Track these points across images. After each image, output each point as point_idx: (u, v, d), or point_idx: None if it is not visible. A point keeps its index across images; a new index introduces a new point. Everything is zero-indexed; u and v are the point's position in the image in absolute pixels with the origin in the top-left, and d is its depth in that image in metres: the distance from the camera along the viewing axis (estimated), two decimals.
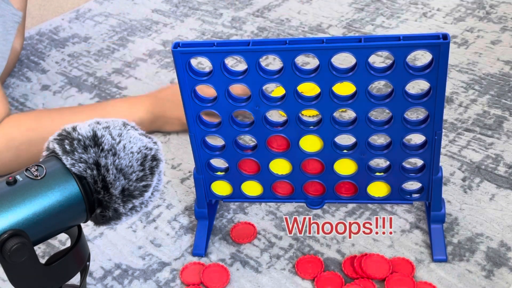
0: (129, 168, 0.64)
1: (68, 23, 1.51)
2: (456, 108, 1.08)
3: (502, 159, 0.97)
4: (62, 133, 0.65)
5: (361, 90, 0.76)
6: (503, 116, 1.05)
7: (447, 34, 0.71)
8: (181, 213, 0.96)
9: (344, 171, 0.84)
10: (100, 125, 0.65)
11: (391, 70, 0.74)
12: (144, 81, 1.27)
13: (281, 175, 0.86)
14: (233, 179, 0.87)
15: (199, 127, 0.82)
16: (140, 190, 0.65)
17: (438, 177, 0.82)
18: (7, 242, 0.59)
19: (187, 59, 0.76)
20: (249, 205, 0.95)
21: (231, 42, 0.80)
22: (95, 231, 0.94)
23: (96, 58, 1.36)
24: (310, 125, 0.80)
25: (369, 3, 1.42)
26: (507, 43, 1.23)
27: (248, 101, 0.79)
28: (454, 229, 0.87)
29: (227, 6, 1.49)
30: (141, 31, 1.44)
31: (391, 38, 0.72)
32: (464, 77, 1.15)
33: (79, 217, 0.65)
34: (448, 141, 1.02)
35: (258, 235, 0.90)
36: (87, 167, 0.63)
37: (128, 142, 0.65)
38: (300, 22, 1.38)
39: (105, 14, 1.53)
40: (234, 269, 0.86)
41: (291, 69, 0.75)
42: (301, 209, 0.93)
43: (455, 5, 1.37)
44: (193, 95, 0.79)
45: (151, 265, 0.88)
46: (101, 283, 0.86)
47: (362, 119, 0.78)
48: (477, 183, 0.94)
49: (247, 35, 1.36)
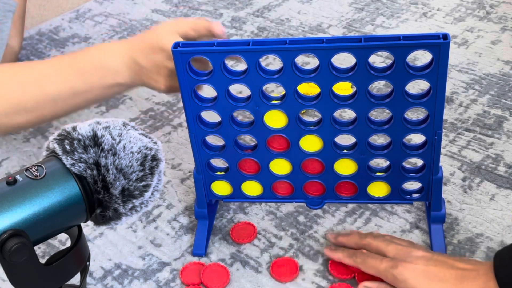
0: (129, 168, 0.64)
1: (68, 23, 1.51)
2: (456, 108, 1.08)
3: (502, 159, 0.97)
4: (62, 133, 0.65)
5: (361, 90, 0.76)
6: (503, 116, 1.05)
7: (447, 34, 0.71)
8: (181, 213, 0.96)
9: (344, 171, 0.84)
10: (100, 125, 0.65)
11: (391, 70, 0.74)
12: None
13: (281, 175, 0.86)
14: (233, 179, 0.87)
15: (199, 127, 0.82)
16: (140, 190, 0.65)
17: (438, 177, 0.82)
18: (7, 242, 0.59)
19: (187, 59, 0.76)
20: (249, 205, 0.95)
21: (231, 42, 0.80)
22: (95, 231, 0.94)
23: None
24: (310, 125, 0.80)
25: (369, 3, 1.42)
26: (507, 43, 1.23)
27: (248, 101, 0.79)
28: (454, 229, 0.87)
29: (227, 6, 1.49)
30: (141, 31, 1.43)
31: (391, 38, 0.72)
32: (464, 77, 1.15)
33: (79, 217, 0.65)
34: (448, 141, 1.02)
35: (258, 235, 0.90)
36: (87, 167, 0.63)
37: (128, 142, 0.65)
38: (300, 22, 1.38)
39: (105, 14, 1.53)
40: (234, 269, 0.86)
41: (291, 69, 0.75)
42: (301, 209, 0.93)
43: (455, 5, 1.37)
44: (193, 95, 0.79)
45: (151, 265, 0.88)
46: (101, 283, 0.86)
47: (362, 119, 0.78)
48: (477, 183, 0.94)
49: (247, 35, 1.36)
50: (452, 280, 0.72)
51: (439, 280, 0.73)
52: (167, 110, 1.17)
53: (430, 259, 0.75)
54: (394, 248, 0.78)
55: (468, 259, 0.77)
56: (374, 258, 0.79)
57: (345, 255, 0.82)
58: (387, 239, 0.81)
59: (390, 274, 0.76)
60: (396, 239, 0.82)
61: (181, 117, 1.15)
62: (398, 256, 0.77)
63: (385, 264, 0.77)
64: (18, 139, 1.16)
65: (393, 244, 0.79)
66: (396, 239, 0.82)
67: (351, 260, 0.81)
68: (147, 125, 1.14)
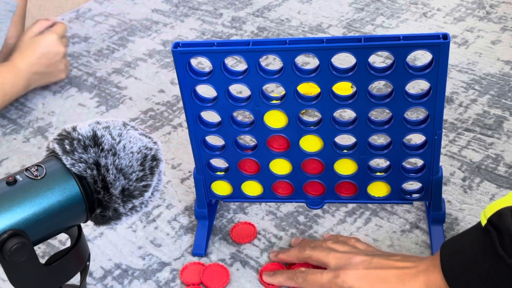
0: (129, 168, 0.64)
1: (68, 23, 1.51)
2: (456, 108, 1.08)
3: (502, 159, 0.97)
4: (62, 133, 0.65)
5: (361, 90, 0.76)
6: (503, 116, 1.05)
7: (447, 34, 0.71)
8: (181, 213, 0.96)
9: (344, 171, 0.84)
10: (100, 125, 0.65)
11: (391, 70, 0.74)
12: (144, 81, 1.27)
13: (281, 175, 0.86)
14: (233, 179, 0.87)
15: (199, 127, 0.82)
16: (140, 190, 0.65)
17: (438, 177, 0.82)
18: (7, 242, 0.59)
19: (187, 59, 0.76)
20: (249, 205, 0.95)
21: (231, 42, 0.80)
22: (95, 231, 0.94)
23: (96, 58, 1.36)
24: (310, 125, 0.80)
25: (369, 3, 1.42)
26: (507, 43, 1.23)
27: (248, 101, 0.79)
28: (454, 229, 0.87)
29: (227, 6, 1.49)
30: (141, 31, 1.44)
31: (391, 38, 0.72)
32: (464, 77, 1.15)
33: (79, 217, 0.65)
34: (448, 141, 1.02)
35: (258, 235, 0.90)
36: (87, 167, 0.63)
37: (128, 142, 0.65)
38: (300, 22, 1.38)
39: (105, 14, 1.53)
40: (234, 269, 0.86)
41: (291, 69, 0.75)
42: (301, 209, 0.93)
43: (455, 5, 1.37)
44: (193, 95, 0.79)
45: (151, 265, 0.88)
46: (101, 283, 0.86)
47: (362, 119, 0.78)
48: (477, 183, 0.94)
49: (247, 35, 1.36)
50: (393, 281, 0.72)
51: (381, 282, 0.73)
52: (167, 110, 1.17)
53: (370, 262, 0.75)
54: (334, 258, 0.78)
55: (410, 256, 0.76)
56: (314, 274, 0.78)
57: (284, 278, 0.80)
58: (327, 247, 0.80)
59: (334, 284, 0.75)
60: (337, 243, 0.81)
61: (181, 117, 1.15)
62: (339, 265, 0.77)
63: (326, 276, 0.76)
64: (18, 139, 1.16)
65: (332, 253, 0.78)
66: (336, 243, 0.81)
67: (292, 282, 0.79)
68: (147, 125, 1.14)
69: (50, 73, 1.23)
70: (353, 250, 0.79)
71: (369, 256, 0.76)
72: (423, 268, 0.71)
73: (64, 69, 1.25)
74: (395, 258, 0.75)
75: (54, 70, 1.23)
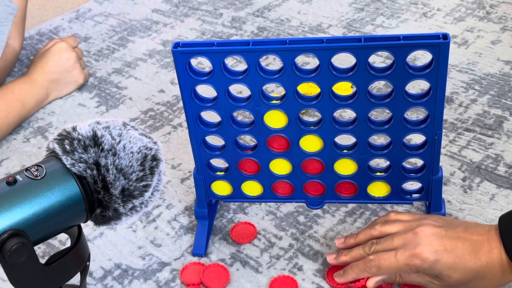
0: (129, 168, 0.64)
1: (68, 23, 1.51)
2: (456, 108, 1.08)
3: (502, 159, 0.97)
4: (62, 133, 0.65)
5: (361, 90, 0.76)
6: (503, 116, 1.05)
7: (447, 34, 0.71)
8: (181, 213, 0.96)
9: (344, 171, 0.84)
10: (100, 125, 0.65)
11: (391, 70, 0.74)
12: (144, 81, 1.27)
13: (281, 175, 0.86)
14: (233, 179, 0.87)
15: (199, 127, 0.82)
16: (140, 190, 0.65)
17: (438, 177, 0.82)
18: (7, 242, 0.59)
19: (187, 59, 0.76)
20: (249, 205, 0.95)
21: (231, 42, 0.80)
22: (95, 231, 0.94)
23: (96, 58, 1.36)
24: (310, 125, 0.80)
25: (369, 3, 1.42)
26: (507, 43, 1.23)
27: (248, 101, 0.79)
28: None
29: (227, 6, 1.49)
30: (141, 31, 1.44)
31: (391, 38, 0.72)
32: (464, 77, 1.15)
33: (79, 217, 0.65)
34: (448, 141, 1.02)
35: (258, 235, 0.90)
36: (87, 167, 0.63)
37: (128, 142, 0.65)
38: (300, 22, 1.38)
39: (105, 14, 1.53)
40: (234, 269, 0.86)
41: (291, 69, 0.75)
42: (301, 209, 0.93)
43: (455, 5, 1.37)
44: (193, 95, 0.79)
45: (151, 265, 0.88)
46: (101, 283, 0.86)
47: (362, 119, 0.78)
48: (477, 183, 0.94)
49: (247, 35, 1.36)
50: (467, 254, 0.72)
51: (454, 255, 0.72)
52: (167, 110, 1.17)
53: (443, 236, 0.74)
54: (401, 240, 0.75)
55: (476, 226, 0.75)
56: (386, 259, 0.75)
57: (356, 272, 0.78)
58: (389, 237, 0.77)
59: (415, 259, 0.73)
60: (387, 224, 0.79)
61: (181, 117, 1.15)
62: (410, 243, 0.74)
63: (401, 258, 0.74)
64: (18, 139, 1.16)
65: (396, 238, 0.76)
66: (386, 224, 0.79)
67: (365, 273, 0.77)
68: (147, 125, 1.14)
69: (66, 79, 1.24)
70: (411, 224, 0.77)
71: (438, 228, 0.74)
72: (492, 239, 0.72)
73: (79, 73, 1.26)
74: (466, 230, 0.74)
75: (69, 76, 1.24)
